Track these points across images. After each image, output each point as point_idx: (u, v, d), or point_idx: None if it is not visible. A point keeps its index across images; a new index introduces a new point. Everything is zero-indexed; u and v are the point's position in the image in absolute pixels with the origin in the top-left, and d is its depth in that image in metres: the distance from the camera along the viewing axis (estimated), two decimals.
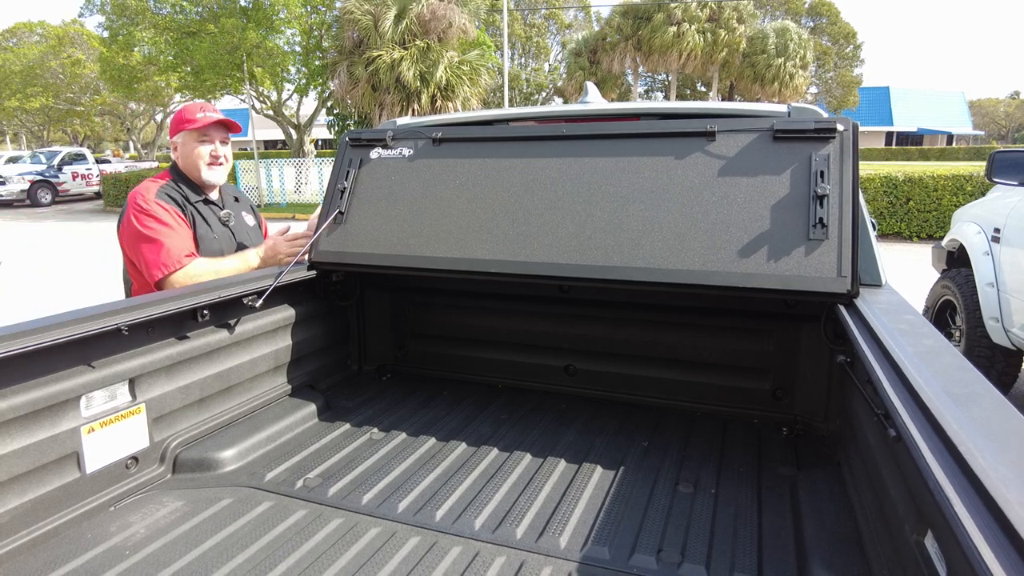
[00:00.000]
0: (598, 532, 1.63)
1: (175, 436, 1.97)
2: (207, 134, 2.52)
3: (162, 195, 2.44)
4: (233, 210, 2.69)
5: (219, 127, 2.55)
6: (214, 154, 2.53)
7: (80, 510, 1.68)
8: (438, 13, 17.53)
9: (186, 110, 2.56)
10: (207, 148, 2.52)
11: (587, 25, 41.34)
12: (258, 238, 2.77)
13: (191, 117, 2.51)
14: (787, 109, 2.22)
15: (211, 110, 2.56)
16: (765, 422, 2.31)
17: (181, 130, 2.52)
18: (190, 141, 2.52)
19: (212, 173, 2.55)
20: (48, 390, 1.58)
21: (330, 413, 2.40)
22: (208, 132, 2.52)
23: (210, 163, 2.53)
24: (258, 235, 2.80)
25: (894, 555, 1.27)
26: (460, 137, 2.43)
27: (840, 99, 36.22)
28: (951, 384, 1.13)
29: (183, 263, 2.32)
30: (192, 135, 2.51)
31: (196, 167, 2.53)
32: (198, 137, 2.51)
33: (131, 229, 2.38)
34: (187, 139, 2.52)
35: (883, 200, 12.20)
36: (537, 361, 2.67)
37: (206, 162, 2.53)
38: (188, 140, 2.52)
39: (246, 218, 2.77)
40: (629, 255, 2.01)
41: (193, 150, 2.51)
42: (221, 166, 2.57)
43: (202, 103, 2.62)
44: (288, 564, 1.48)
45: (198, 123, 2.49)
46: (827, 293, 1.81)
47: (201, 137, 2.51)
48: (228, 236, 2.59)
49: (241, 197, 2.84)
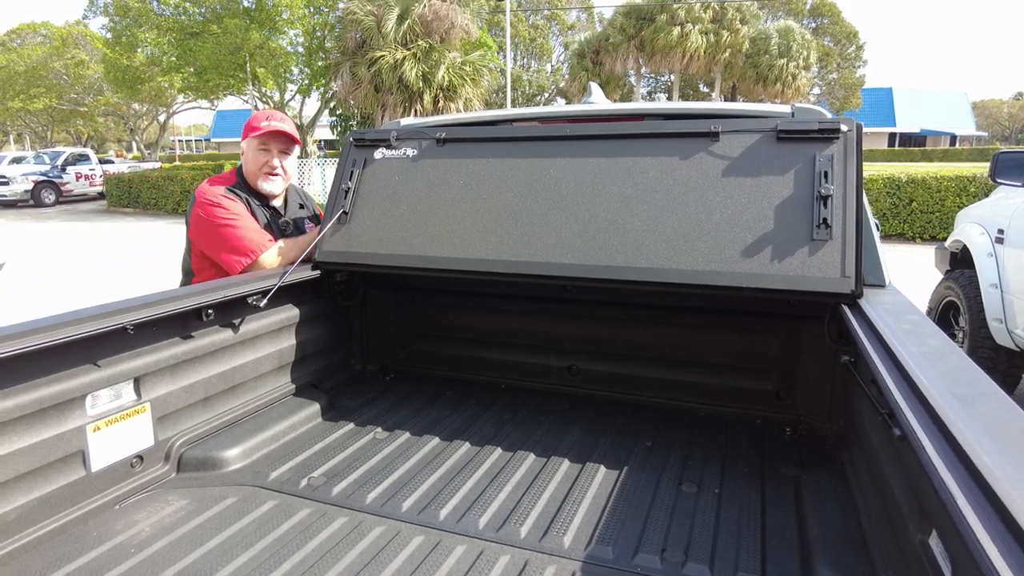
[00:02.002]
0: (602, 531, 1.63)
1: (180, 435, 1.98)
2: (266, 144, 2.55)
3: (229, 192, 2.51)
4: (296, 217, 2.72)
5: (280, 138, 2.57)
6: (270, 165, 2.56)
7: (85, 508, 1.68)
8: (440, 14, 17.54)
9: (255, 117, 2.60)
10: (263, 158, 2.56)
11: (590, 26, 41.33)
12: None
13: (256, 125, 2.55)
14: (791, 110, 2.22)
15: (277, 119, 2.58)
16: (768, 422, 2.31)
17: (247, 136, 2.56)
18: (251, 149, 2.57)
19: (267, 184, 2.59)
20: (54, 389, 1.58)
21: (334, 412, 2.41)
22: (267, 143, 2.55)
23: (266, 173, 2.57)
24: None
25: (898, 555, 1.27)
26: (464, 137, 2.43)
27: (843, 100, 36.15)
28: (956, 384, 1.13)
29: (267, 245, 2.42)
30: (253, 143, 2.55)
31: (254, 175, 2.58)
32: (258, 146, 2.55)
33: (205, 221, 2.42)
34: (249, 146, 2.57)
35: (886, 201, 12.18)
36: (540, 361, 2.67)
37: (262, 171, 2.57)
38: (249, 148, 2.57)
39: (307, 227, 2.77)
40: (632, 255, 2.01)
41: (253, 158, 2.56)
42: (278, 177, 2.60)
43: (271, 111, 2.64)
44: (292, 563, 1.49)
45: (259, 131, 2.52)
46: (831, 293, 1.81)
47: (261, 146, 2.55)
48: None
49: (308, 204, 2.87)
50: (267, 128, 2.52)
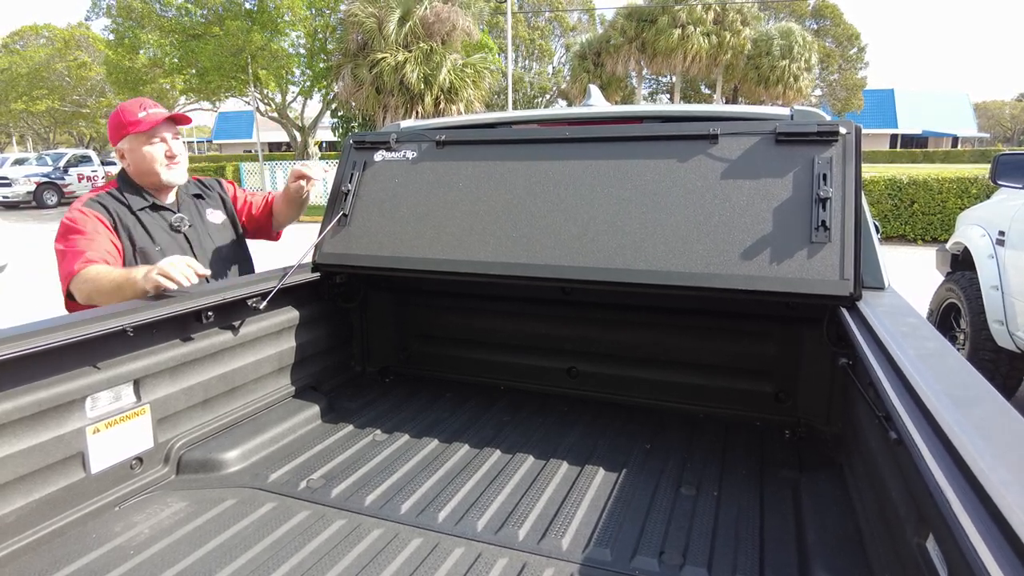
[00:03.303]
0: (600, 534, 1.63)
1: (179, 437, 1.98)
2: (155, 133, 2.27)
3: (92, 203, 2.22)
4: (194, 211, 2.44)
5: (166, 123, 2.29)
6: (169, 153, 2.28)
7: (85, 510, 1.69)
8: (442, 16, 17.58)
9: (123, 112, 2.28)
10: (160, 148, 2.27)
11: (591, 28, 41.35)
12: (228, 236, 2.54)
13: (133, 119, 2.24)
14: (790, 112, 2.22)
15: (152, 106, 2.30)
16: (767, 424, 2.31)
17: (125, 135, 2.26)
18: (138, 146, 2.27)
19: (173, 173, 2.32)
20: (54, 391, 1.59)
21: (333, 414, 2.41)
22: (156, 131, 2.27)
23: (167, 163, 2.29)
24: (228, 233, 2.54)
25: (896, 557, 1.27)
26: (464, 140, 2.44)
27: (844, 101, 36.12)
28: (953, 387, 1.13)
29: (79, 269, 2.03)
30: (139, 139, 2.26)
31: (154, 172, 2.29)
32: (147, 140, 2.26)
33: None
34: (133, 144, 2.27)
35: (887, 202, 12.18)
36: (540, 363, 2.68)
37: (163, 164, 2.28)
38: (135, 145, 2.27)
39: (212, 216, 2.51)
40: (632, 257, 2.01)
41: (147, 155, 2.27)
42: (180, 164, 2.33)
43: (140, 100, 2.34)
44: (291, 565, 1.49)
45: (144, 124, 2.24)
46: (829, 296, 1.81)
47: (150, 138, 2.26)
48: (178, 244, 2.32)
49: (207, 192, 2.56)
50: (151, 119, 2.24)
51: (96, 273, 1.99)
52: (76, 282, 2.01)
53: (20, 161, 23.69)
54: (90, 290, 1.97)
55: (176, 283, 1.85)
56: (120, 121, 2.27)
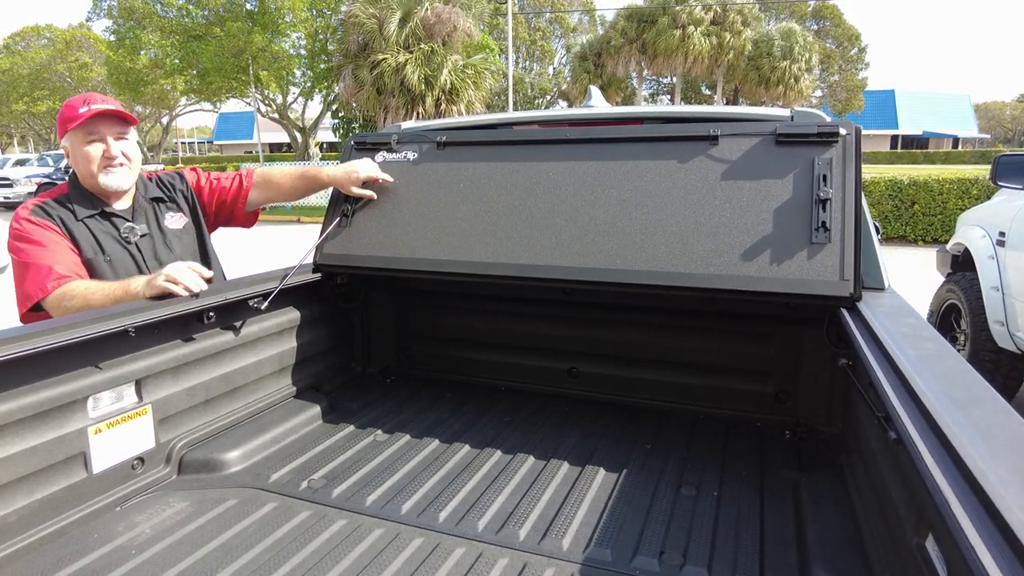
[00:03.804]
0: (601, 534, 1.63)
1: (181, 437, 1.99)
2: (94, 131, 2.01)
3: (37, 212, 2.02)
4: (151, 216, 2.20)
5: (107, 120, 2.02)
6: (108, 155, 2.02)
7: (87, 510, 1.69)
8: (442, 17, 17.60)
9: (66, 107, 2.03)
10: (97, 148, 2.02)
11: (591, 28, 41.42)
12: (190, 242, 2.29)
13: (74, 113, 1.99)
14: (790, 113, 2.22)
15: (97, 100, 2.03)
16: (768, 425, 2.31)
17: (66, 131, 2.01)
18: (77, 144, 2.03)
19: (111, 178, 2.05)
20: (56, 391, 1.59)
21: (334, 415, 2.42)
22: (94, 129, 2.01)
23: (105, 166, 2.03)
24: (189, 237, 2.29)
25: (895, 557, 1.27)
26: (464, 141, 2.44)
27: (845, 102, 36.13)
28: (952, 387, 1.13)
29: (53, 287, 1.86)
30: (77, 136, 2.01)
31: (90, 175, 2.04)
32: (84, 137, 2.01)
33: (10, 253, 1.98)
34: (73, 142, 2.04)
35: (888, 203, 12.18)
36: (540, 364, 2.68)
37: (98, 166, 2.03)
38: (75, 143, 2.03)
39: (171, 221, 2.25)
40: (632, 258, 2.01)
41: (83, 155, 2.02)
42: (121, 167, 2.06)
43: (88, 94, 2.10)
44: (292, 565, 1.49)
45: (80, 119, 1.97)
46: (830, 296, 1.81)
47: (88, 136, 2.01)
48: (129, 257, 2.11)
49: (168, 193, 2.29)
50: (88, 112, 1.97)
51: (84, 289, 1.88)
52: (55, 299, 1.87)
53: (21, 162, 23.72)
54: (79, 307, 1.84)
55: (185, 288, 1.84)
56: (62, 116, 2.04)
